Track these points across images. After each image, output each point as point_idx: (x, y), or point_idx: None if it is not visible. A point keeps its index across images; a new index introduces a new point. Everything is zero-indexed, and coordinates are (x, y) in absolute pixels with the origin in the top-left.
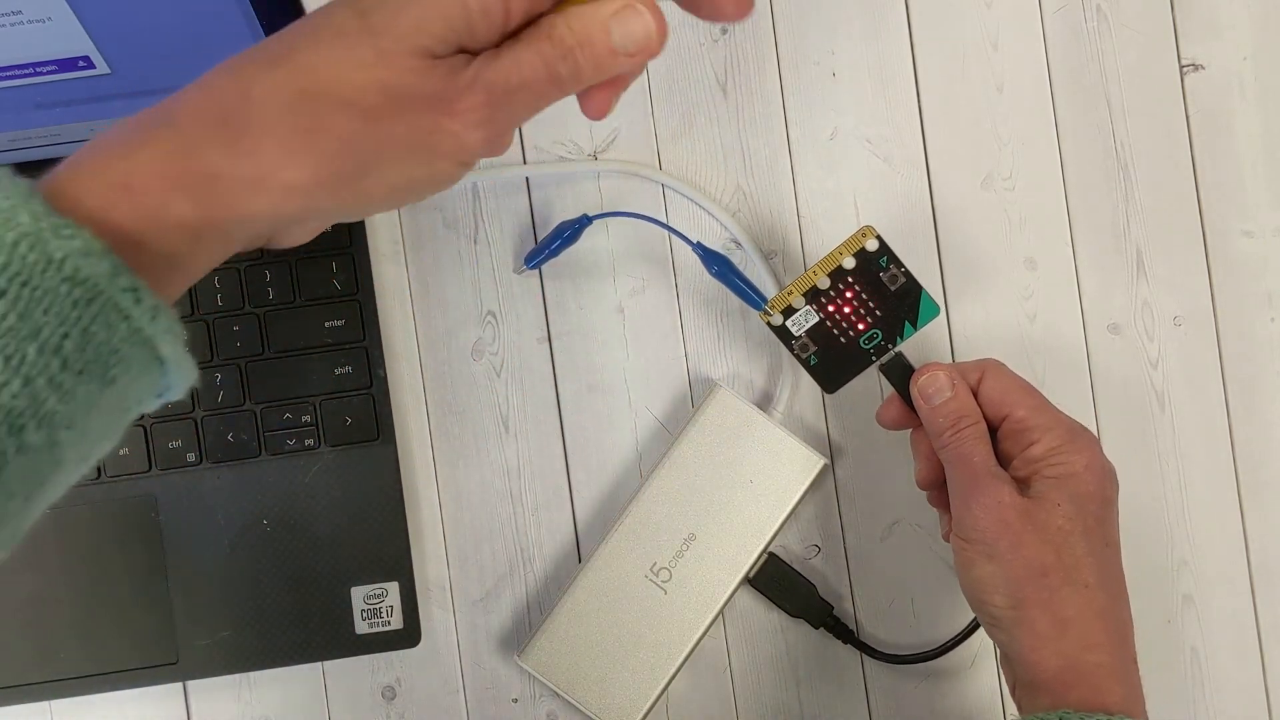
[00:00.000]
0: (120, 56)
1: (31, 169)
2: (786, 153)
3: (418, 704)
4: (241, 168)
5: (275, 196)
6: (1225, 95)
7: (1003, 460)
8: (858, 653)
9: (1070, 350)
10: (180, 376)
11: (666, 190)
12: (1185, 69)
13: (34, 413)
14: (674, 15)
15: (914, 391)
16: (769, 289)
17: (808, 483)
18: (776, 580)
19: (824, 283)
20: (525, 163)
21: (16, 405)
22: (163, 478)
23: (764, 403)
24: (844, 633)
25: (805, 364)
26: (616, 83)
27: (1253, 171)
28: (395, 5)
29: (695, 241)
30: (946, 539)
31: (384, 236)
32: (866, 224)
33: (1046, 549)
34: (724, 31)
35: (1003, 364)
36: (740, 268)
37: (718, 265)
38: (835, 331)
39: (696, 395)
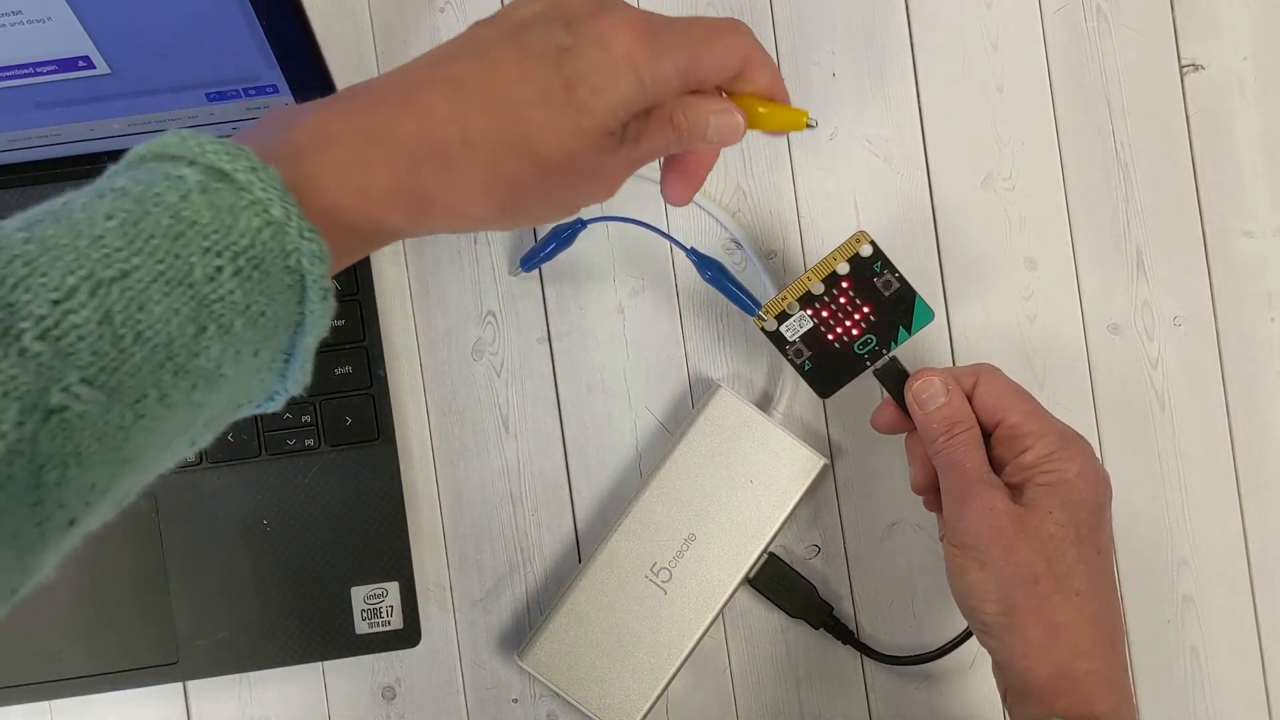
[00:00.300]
0: (120, 56)
1: (33, 169)
2: (786, 153)
3: (418, 704)
4: (448, 196)
5: (457, 221)
6: (1225, 95)
7: (996, 466)
8: (858, 653)
9: (1070, 350)
10: (296, 382)
11: None
12: (1185, 69)
13: (212, 373)
14: (674, 14)
15: (908, 396)
16: (768, 289)
17: (808, 483)
18: (776, 581)
19: (818, 288)
20: None
21: (206, 367)
22: (162, 477)
23: (764, 403)
24: (844, 633)
25: (799, 369)
26: (696, 179)
27: (1253, 171)
28: (595, 86)
29: (689, 247)
30: (943, 542)
31: None
32: (861, 229)
33: (1038, 556)
34: None
35: (997, 369)
36: (739, 268)
37: (711, 270)
38: (829, 337)
39: (696, 395)
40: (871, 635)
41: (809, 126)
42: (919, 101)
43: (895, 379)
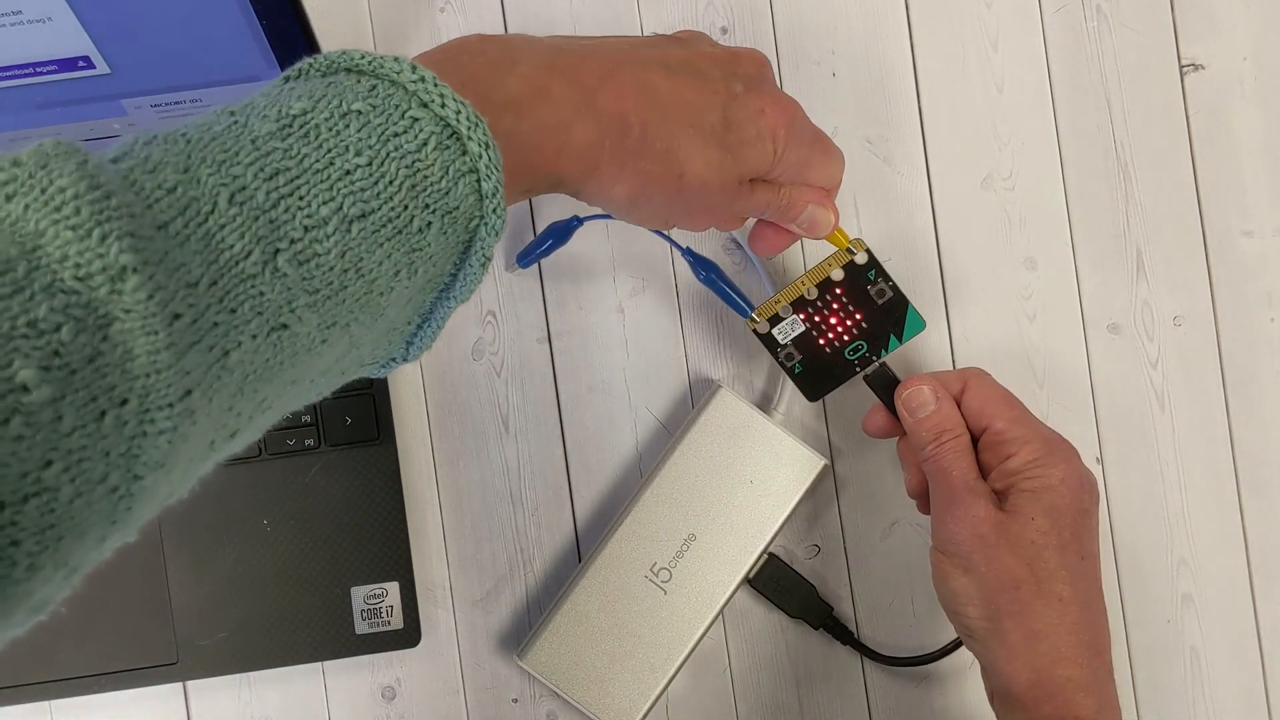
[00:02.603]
0: (120, 56)
1: None
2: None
3: (418, 704)
4: (606, 173)
5: (598, 196)
6: (1225, 95)
7: (983, 470)
8: (857, 653)
9: (1070, 350)
10: (424, 342)
11: None
12: (1185, 69)
13: (382, 309)
14: (675, 14)
15: (898, 403)
16: (765, 289)
17: (808, 483)
18: (776, 581)
19: (811, 293)
20: None
21: (381, 305)
22: None
23: (764, 403)
24: (844, 634)
25: (790, 372)
26: (778, 245)
27: (1253, 171)
28: (745, 138)
29: (685, 247)
30: None
31: None
32: (857, 238)
33: (1020, 563)
34: (724, 31)
35: (986, 374)
36: (738, 269)
37: (706, 271)
38: (820, 342)
39: (696, 395)
40: (871, 635)
41: (848, 251)
42: (919, 101)
43: (885, 385)
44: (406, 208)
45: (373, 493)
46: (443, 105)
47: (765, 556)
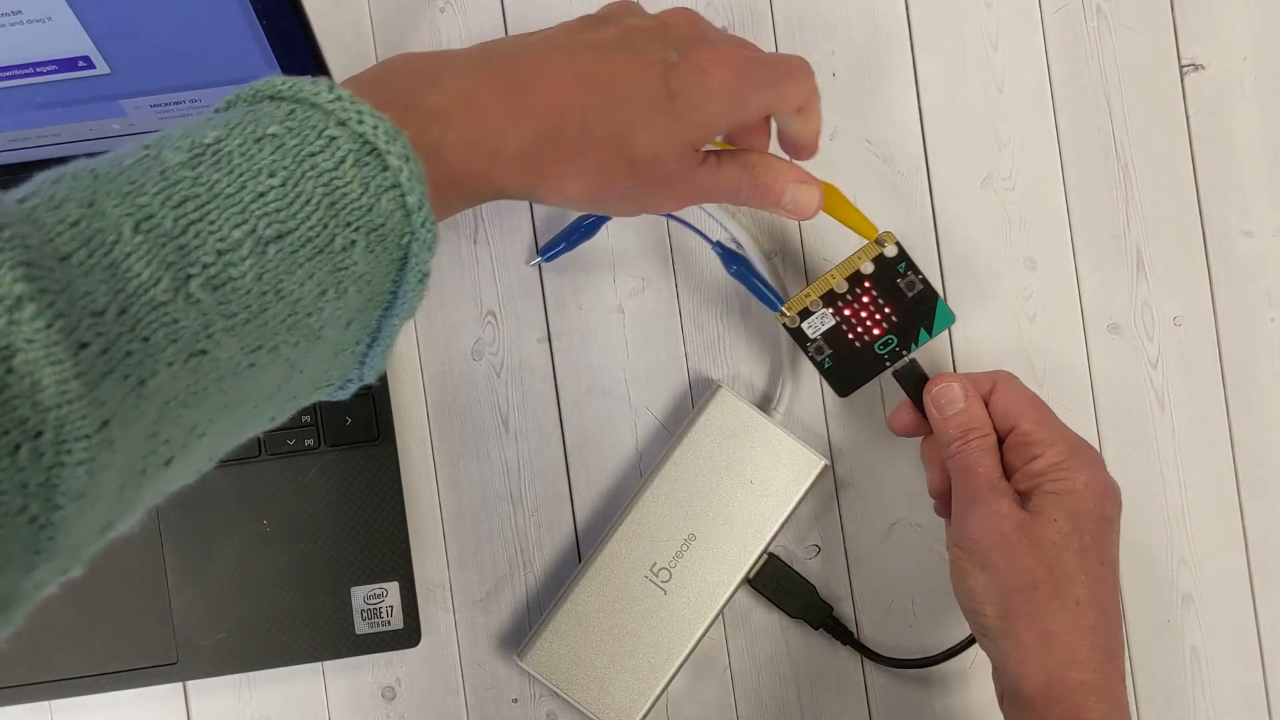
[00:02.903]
0: (120, 56)
1: (33, 169)
2: (786, 153)
3: (418, 704)
4: (555, 172)
5: (555, 196)
6: (1225, 95)
7: (1007, 471)
8: (858, 654)
9: (1070, 350)
10: (374, 367)
11: None
12: (1185, 69)
13: (316, 332)
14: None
15: (927, 400)
16: (771, 287)
17: (808, 484)
18: (776, 581)
19: (841, 286)
20: None
21: (314, 326)
22: None
23: (764, 403)
24: (844, 634)
25: (819, 367)
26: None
27: (1253, 171)
28: (693, 102)
29: (715, 240)
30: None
31: None
32: (886, 230)
33: (1039, 563)
34: (724, 31)
35: (1014, 376)
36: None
37: (736, 264)
38: (850, 336)
39: (696, 395)
40: (871, 635)
41: (877, 244)
42: (919, 101)
43: (914, 381)
44: (326, 226)
45: (373, 493)
46: (360, 122)
47: (765, 557)
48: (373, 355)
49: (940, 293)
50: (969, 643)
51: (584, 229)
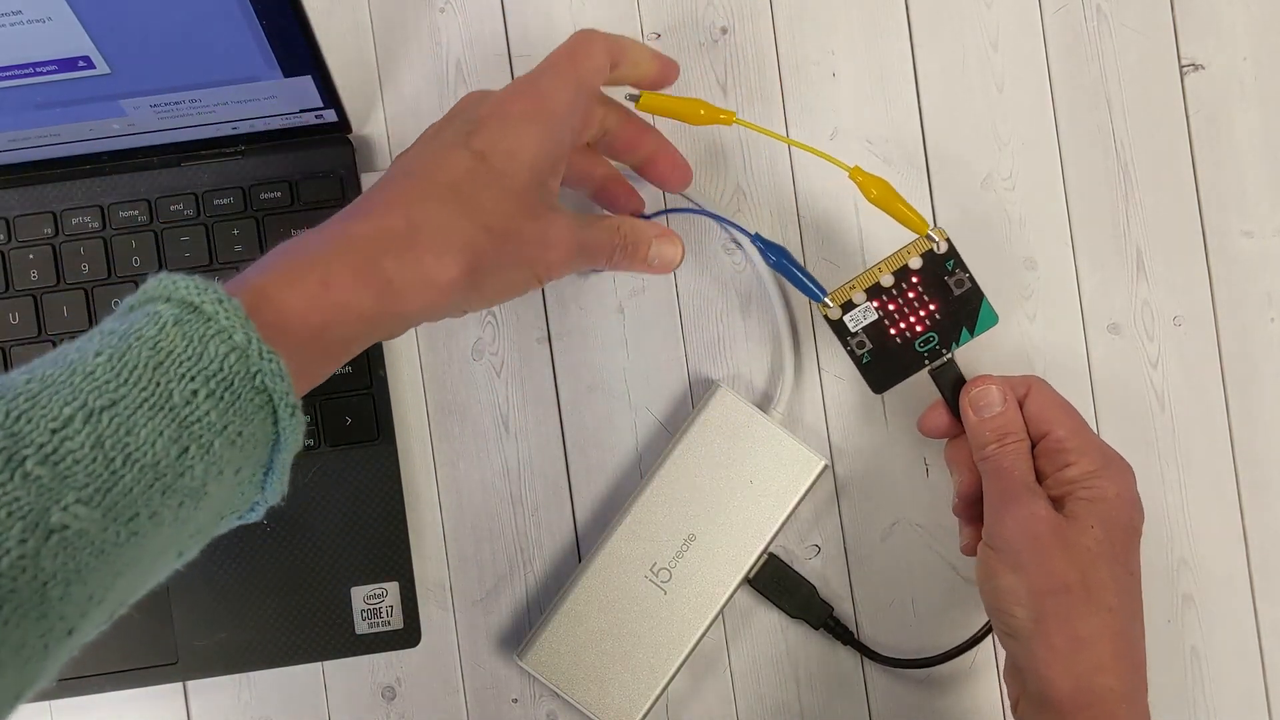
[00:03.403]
0: (120, 56)
1: (33, 169)
2: (786, 153)
3: (418, 704)
4: (407, 275)
5: (433, 293)
6: (1225, 95)
7: (1039, 476)
8: (858, 654)
9: (1070, 350)
10: (274, 493)
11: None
12: (1185, 69)
13: (197, 490)
14: (675, 14)
15: (964, 401)
16: (768, 291)
17: (808, 484)
18: (776, 581)
19: (887, 280)
20: None
21: (191, 485)
22: None
23: (764, 403)
24: (844, 634)
25: (858, 361)
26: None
27: (1253, 171)
28: (505, 150)
29: (754, 233)
30: (965, 552)
31: None
32: (938, 226)
33: (1072, 568)
34: (724, 31)
35: (1047, 382)
36: (740, 270)
37: (776, 255)
38: (892, 331)
39: (696, 395)
40: (872, 635)
41: (928, 238)
42: (919, 101)
43: (951, 382)
44: (159, 385)
45: (373, 493)
46: (177, 290)
47: (765, 556)
48: (270, 483)
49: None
50: (970, 644)
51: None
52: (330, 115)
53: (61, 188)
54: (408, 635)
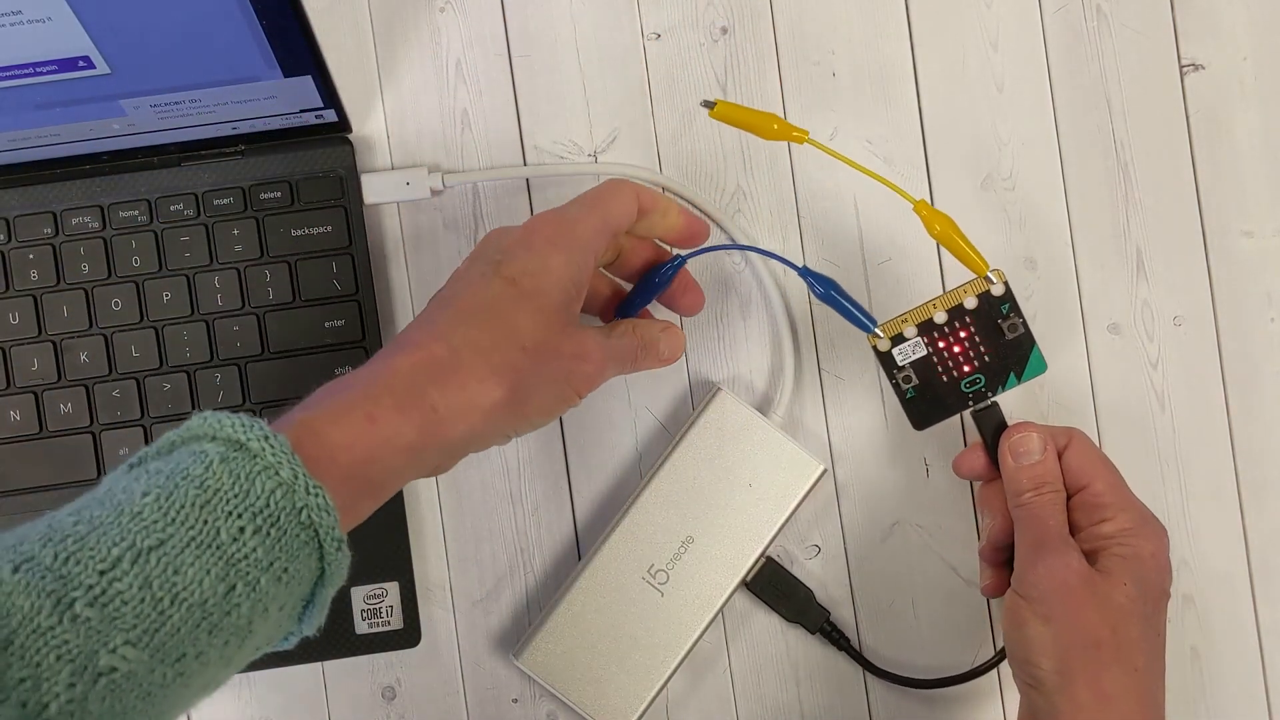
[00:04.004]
0: (120, 56)
1: (33, 169)
2: (786, 153)
3: (418, 704)
4: (451, 402)
5: (475, 417)
6: (1225, 95)
7: (1073, 529)
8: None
9: (1070, 350)
10: (310, 625)
11: (666, 191)
12: (1185, 69)
13: (243, 629)
14: (675, 14)
15: (1003, 447)
16: (768, 292)
17: (806, 488)
18: (774, 585)
19: (940, 317)
20: (525, 164)
21: (238, 624)
22: None
23: (764, 406)
24: (840, 640)
25: (901, 396)
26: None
27: (1253, 171)
28: (533, 273)
29: (801, 266)
30: (985, 592)
31: (384, 236)
32: (997, 268)
33: (1103, 623)
34: (724, 31)
35: (1088, 436)
36: (739, 270)
37: (824, 287)
38: (940, 369)
39: (697, 397)
40: (872, 636)
41: (986, 279)
42: (919, 101)
43: (992, 426)
44: (206, 522)
45: None
46: (222, 428)
47: (763, 560)
48: (308, 615)
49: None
50: (973, 674)
51: (659, 282)
52: (330, 115)
53: (61, 188)
54: (408, 635)
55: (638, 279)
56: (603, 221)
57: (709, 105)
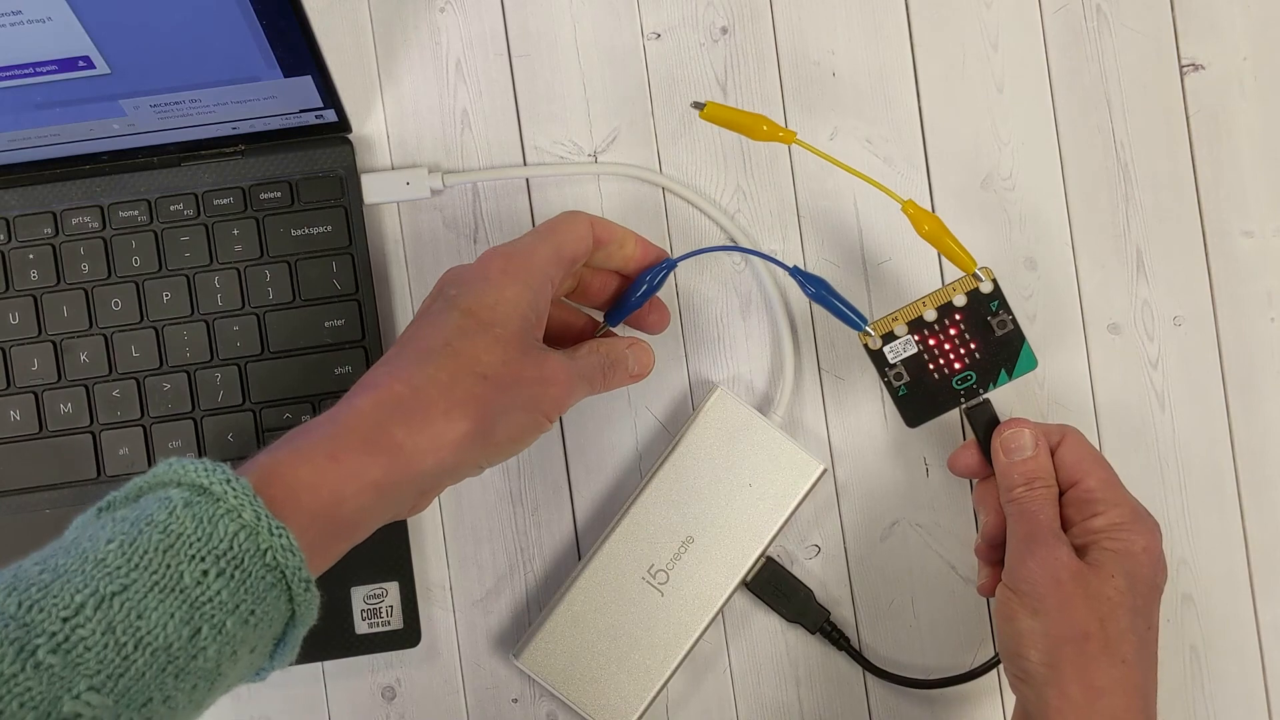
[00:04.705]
0: (120, 56)
1: (33, 169)
2: (786, 153)
3: (418, 704)
4: (420, 435)
5: (444, 451)
6: (1225, 95)
7: (1065, 524)
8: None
9: (1070, 350)
10: (282, 663)
11: (666, 191)
12: (1185, 69)
13: (210, 673)
14: (675, 14)
15: (995, 443)
16: (769, 292)
17: (806, 488)
18: (774, 585)
19: (930, 315)
20: (525, 164)
21: (205, 667)
22: None
23: (764, 405)
24: (839, 640)
25: (894, 394)
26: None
27: (1253, 171)
28: (489, 305)
29: (791, 266)
30: (981, 591)
31: (384, 236)
32: (985, 266)
33: (1092, 616)
34: (724, 31)
35: (1082, 433)
36: (739, 269)
37: (815, 287)
38: (931, 366)
39: (696, 396)
40: (871, 636)
41: (974, 276)
42: (919, 101)
43: (985, 422)
44: (170, 567)
45: None
46: (186, 474)
47: (763, 560)
48: (279, 653)
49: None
50: (971, 675)
51: (653, 286)
52: (330, 115)
53: (61, 188)
54: (408, 635)
55: (608, 306)
56: (555, 251)
57: (699, 107)
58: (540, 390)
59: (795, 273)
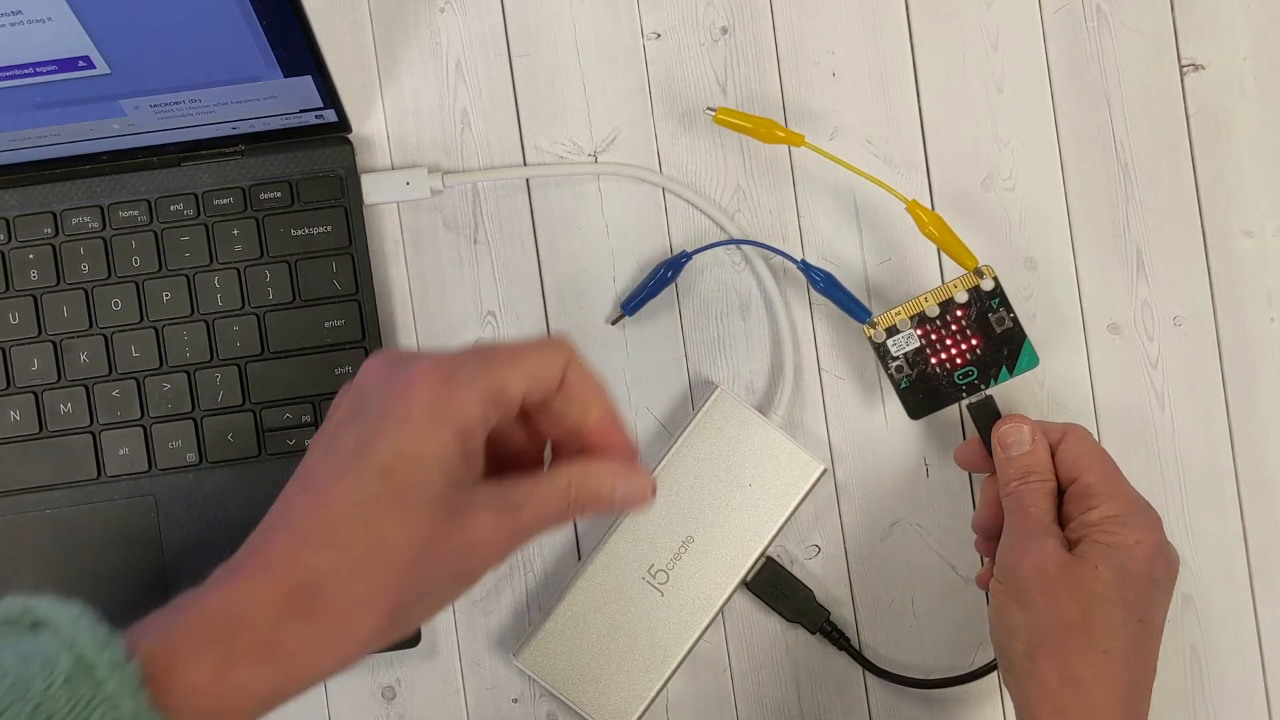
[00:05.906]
0: (120, 56)
1: (33, 169)
2: (786, 152)
3: (418, 704)
4: (317, 643)
5: (344, 656)
6: (1225, 95)
7: (1064, 520)
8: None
9: (1070, 350)
10: None
11: (666, 192)
12: (1185, 69)
13: None
14: (675, 14)
15: (994, 437)
16: (770, 287)
17: (806, 488)
18: (774, 585)
19: (933, 310)
20: (525, 164)
21: None
22: (162, 478)
23: (764, 405)
24: (840, 640)
25: (896, 386)
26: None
27: (1253, 171)
28: (409, 461)
29: (800, 260)
30: (981, 585)
31: (384, 236)
32: (986, 264)
33: (1074, 607)
34: (724, 31)
35: (1087, 431)
36: (738, 267)
37: (822, 281)
38: (933, 360)
39: (696, 396)
40: (872, 636)
41: (975, 274)
42: (919, 101)
43: (986, 417)
44: None
45: None
46: (79, 638)
47: (763, 560)
48: None
49: (1029, 335)
50: (972, 676)
51: (666, 278)
52: (330, 115)
53: (61, 188)
54: (408, 635)
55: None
56: (497, 392)
57: (710, 111)
58: (463, 562)
59: (804, 266)
